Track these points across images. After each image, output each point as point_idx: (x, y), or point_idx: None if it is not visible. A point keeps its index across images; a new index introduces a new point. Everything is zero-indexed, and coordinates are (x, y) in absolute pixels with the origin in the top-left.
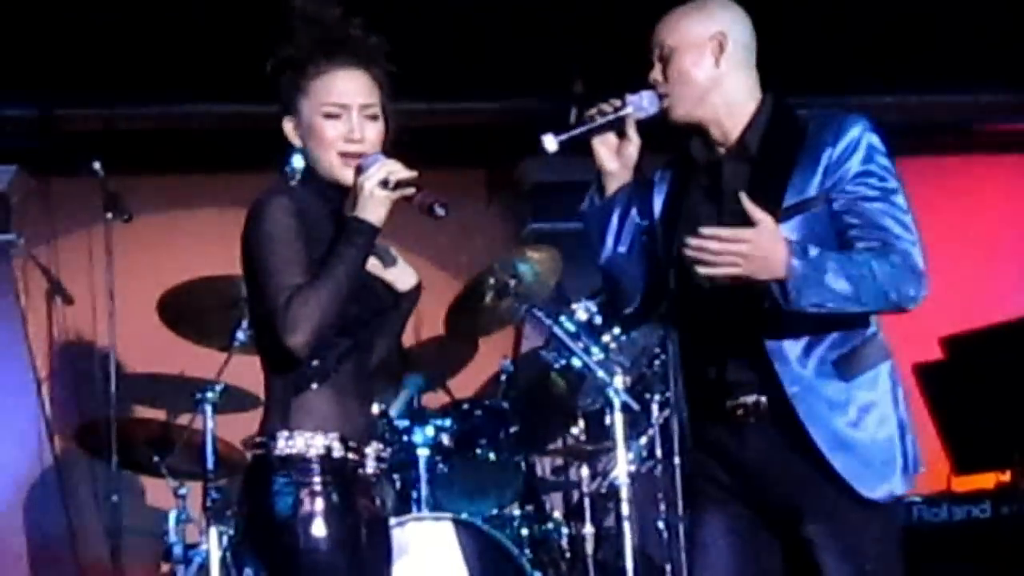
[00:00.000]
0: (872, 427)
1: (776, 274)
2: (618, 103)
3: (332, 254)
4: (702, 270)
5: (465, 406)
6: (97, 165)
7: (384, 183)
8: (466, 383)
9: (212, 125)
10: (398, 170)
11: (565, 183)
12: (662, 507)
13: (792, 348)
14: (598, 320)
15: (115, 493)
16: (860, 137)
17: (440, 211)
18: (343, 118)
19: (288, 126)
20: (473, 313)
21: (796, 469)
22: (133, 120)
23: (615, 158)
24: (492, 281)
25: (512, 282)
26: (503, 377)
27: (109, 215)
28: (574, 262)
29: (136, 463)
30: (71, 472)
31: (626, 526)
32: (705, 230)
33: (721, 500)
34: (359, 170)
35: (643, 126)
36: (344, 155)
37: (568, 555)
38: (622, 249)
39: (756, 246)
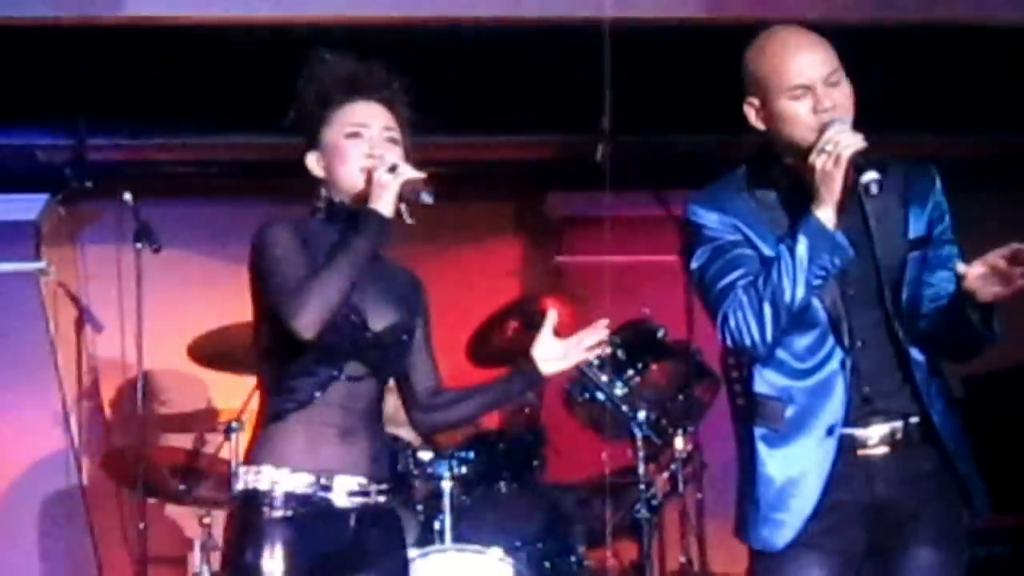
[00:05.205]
0: (965, 452)
1: None
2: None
3: (339, 242)
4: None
5: (490, 438)
6: (127, 195)
7: (392, 168)
8: (491, 415)
9: (242, 156)
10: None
11: (592, 217)
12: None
13: (925, 365)
14: (621, 355)
15: (141, 521)
16: (943, 192)
17: (427, 198)
18: (364, 137)
19: (311, 159)
20: (497, 343)
21: (921, 490)
22: (163, 150)
23: None
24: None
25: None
26: (527, 409)
27: (139, 244)
28: (599, 297)
29: (162, 491)
30: (98, 499)
31: (649, 559)
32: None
33: (839, 566)
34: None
35: None
36: (365, 170)
37: None
38: None
39: None
